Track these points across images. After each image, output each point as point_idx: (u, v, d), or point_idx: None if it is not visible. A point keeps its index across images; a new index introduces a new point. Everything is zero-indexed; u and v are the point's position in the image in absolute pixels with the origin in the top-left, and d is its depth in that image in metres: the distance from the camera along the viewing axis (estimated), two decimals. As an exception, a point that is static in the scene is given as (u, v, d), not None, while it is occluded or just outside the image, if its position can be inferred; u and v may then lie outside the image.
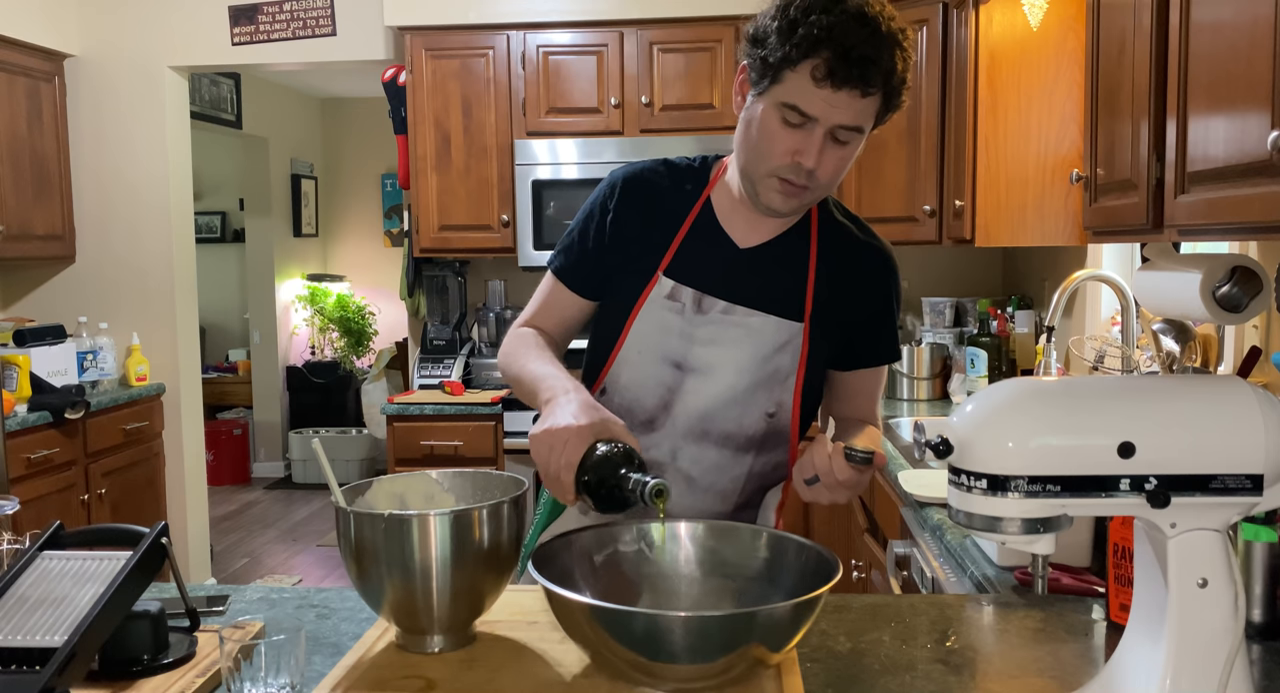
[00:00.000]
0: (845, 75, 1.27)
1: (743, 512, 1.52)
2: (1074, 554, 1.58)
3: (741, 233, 1.47)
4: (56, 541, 1.23)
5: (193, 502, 4.41)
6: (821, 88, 1.28)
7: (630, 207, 1.49)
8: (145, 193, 4.19)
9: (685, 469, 1.47)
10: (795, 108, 1.31)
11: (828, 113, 1.30)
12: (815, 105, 1.30)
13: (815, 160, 1.33)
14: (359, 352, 6.89)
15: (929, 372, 3.56)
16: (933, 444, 0.98)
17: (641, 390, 1.47)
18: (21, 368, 3.65)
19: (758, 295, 1.45)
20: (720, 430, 1.45)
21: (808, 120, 1.31)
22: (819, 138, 1.32)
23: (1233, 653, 0.96)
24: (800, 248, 1.48)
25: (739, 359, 1.44)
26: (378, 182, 7.26)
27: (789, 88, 1.30)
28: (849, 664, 1.19)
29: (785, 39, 1.29)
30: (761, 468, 1.49)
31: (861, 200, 3.65)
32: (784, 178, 1.36)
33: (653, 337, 1.46)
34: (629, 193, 1.50)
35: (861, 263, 1.50)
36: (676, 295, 1.45)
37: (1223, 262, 1.61)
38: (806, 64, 1.28)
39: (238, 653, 1.04)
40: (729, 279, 1.45)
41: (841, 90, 1.28)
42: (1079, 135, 2.49)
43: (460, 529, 1.15)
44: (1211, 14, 1.35)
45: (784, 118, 1.32)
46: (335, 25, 4.07)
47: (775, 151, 1.34)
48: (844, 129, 1.32)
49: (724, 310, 1.44)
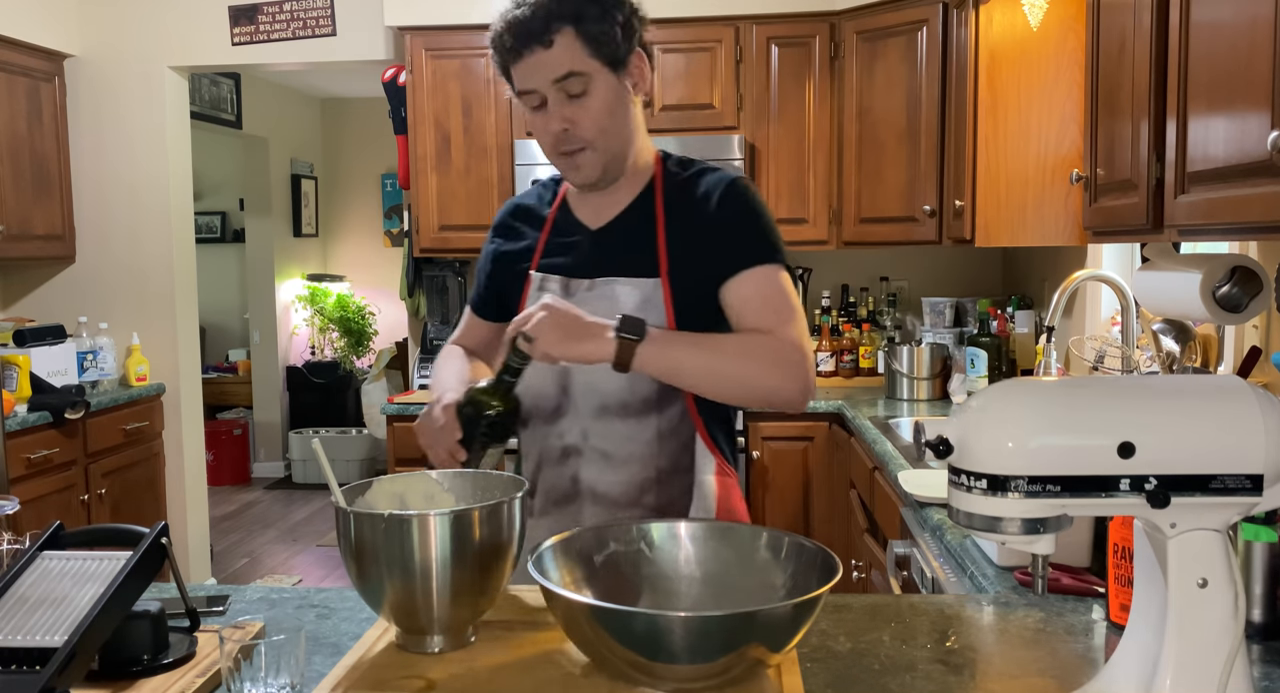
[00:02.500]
0: (521, 40, 1.43)
1: (671, 477, 1.53)
2: (1074, 554, 1.58)
3: (592, 217, 1.58)
4: (56, 541, 1.23)
5: (193, 502, 4.41)
6: (515, 63, 1.45)
7: (505, 230, 1.67)
8: (145, 193, 4.19)
9: (600, 447, 1.52)
10: (519, 93, 1.48)
11: (536, 78, 1.45)
12: (525, 79, 1.46)
13: (560, 121, 1.46)
14: (359, 352, 6.89)
15: (929, 372, 3.56)
16: (933, 444, 0.98)
17: (540, 384, 1.54)
18: (21, 368, 3.65)
19: (613, 266, 1.53)
20: (617, 401, 1.51)
21: (535, 95, 1.46)
22: (553, 102, 1.46)
23: (1233, 653, 0.96)
24: (646, 212, 1.55)
25: None
26: (378, 182, 7.26)
27: (515, 82, 1.48)
28: (849, 664, 1.19)
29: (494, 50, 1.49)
30: (668, 425, 1.52)
31: (861, 200, 3.66)
32: (560, 153, 1.49)
33: None
34: (504, 219, 1.68)
35: (701, 191, 1.54)
36: (546, 286, 1.56)
37: (1223, 262, 1.61)
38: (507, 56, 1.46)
39: (238, 653, 1.04)
40: (588, 259, 1.55)
41: (524, 54, 1.43)
42: (1079, 135, 2.49)
43: (460, 529, 1.15)
44: (1211, 14, 1.35)
45: (529, 106, 1.49)
46: (335, 25, 4.07)
47: (540, 136, 1.50)
48: (560, 81, 1.44)
49: (588, 288, 1.53)
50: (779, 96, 3.73)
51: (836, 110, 3.72)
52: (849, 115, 3.66)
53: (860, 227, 3.68)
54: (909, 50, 3.44)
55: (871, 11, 3.57)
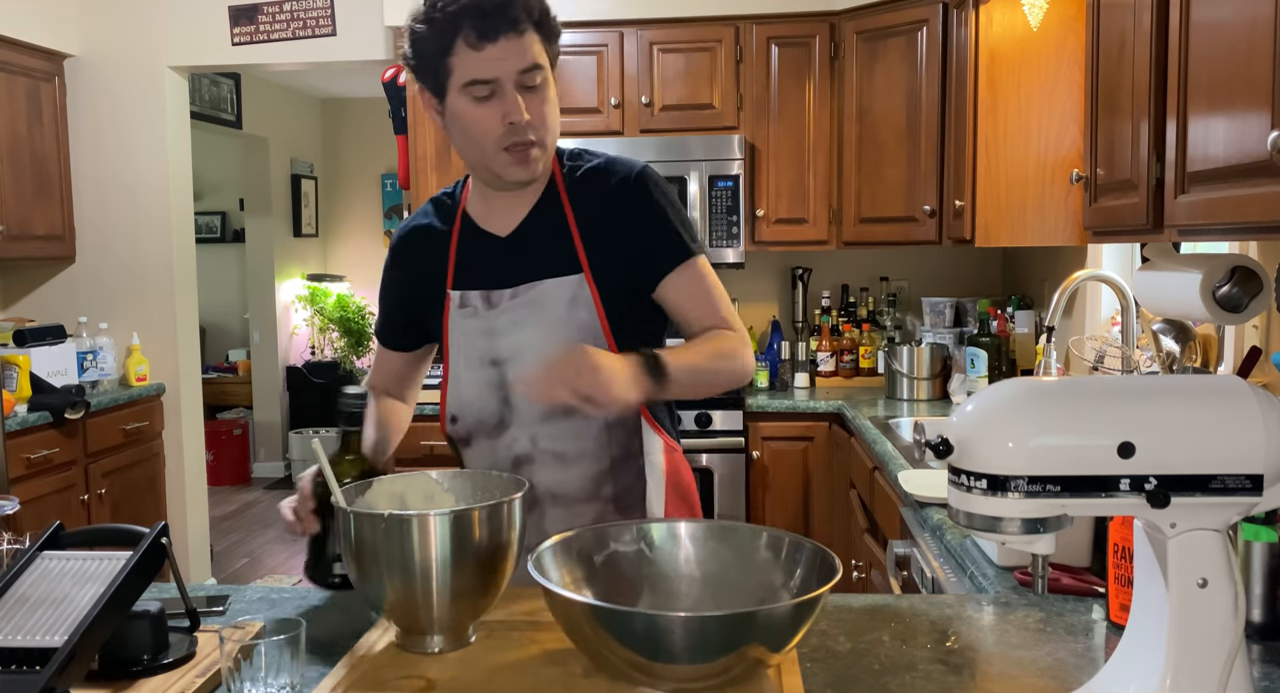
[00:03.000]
0: (494, 26, 1.37)
1: (624, 464, 1.53)
2: (1074, 554, 1.58)
3: (499, 225, 1.55)
4: (56, 541, 1.23)
5: (193, 502, 4.41)
6: (482, 49, 1.38)
7: (406, 255, 1.62)
8: (145, 193, 4.19)
9: (551, 449, 1.52)
10: (475, 81, 1.40)
11: (502, 67, 1.39)
12: (487, 67, 1.39)
13: (522, 113, 1.41)
14: (359, 352, 6.89)
15: (929, 372, 3.56)
16: (933, 444, 0.98)
17: (479, 399, 1.55)
18: (21, 368, 3.65)
19: (533, 270, 1.52)
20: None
21: (491, 85, 1.40)
22: (512, 94, 1.40)
23: (1233, 653, 0.96)
24: (554, 211, 1.53)
25: (538, 331, 1.50)
26: (378, 182, 7.26)
27: (459, 71, 1.40)
28: (849, 664, 1.19)
29: (429, 38, 1.40)
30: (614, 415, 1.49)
31: (861, 200, 3.66)
32: (508, 147, 1.43)
33: (464, 348, 1.55)
34: (400, 245, 1.63)
35: (607, 185, 1.53)
36: (467, 302, 1.54)
37: (1223, 262, 1.61)
38: (458, 41, 1.38)
39: (238, 653, 1.04)
40: (503, 268, 1.53)
41: (499, 41, 1.38)
42: (1079, 135, 2.49)
43: (460, 529, 1.15)
44: (1211, 14, 1.35)
45: (474, 97, 1.41)
46: (335, 25, 4.07)
47: (486, 128, 1.42)
48: (525, 73, 1.40)
49: (511, 296, 1.52)
50: (779, 96, 3.73)
51: (836, 110, 3.72)
52: (849, 115, 3.67)
53: (860, 227, 3.68)
54: (909, 50, 3.44)
55: (871, 11, 3.57)
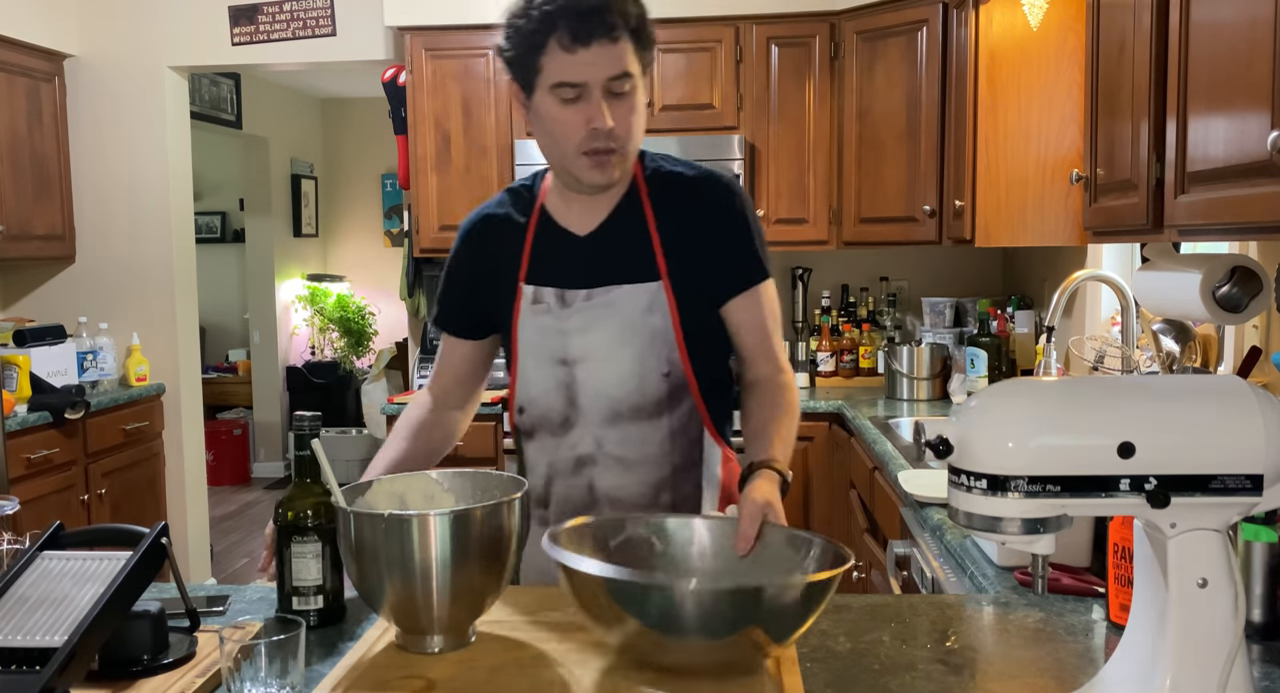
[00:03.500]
0: (588, 30, 1.37)
1: (684, 473, 1.55)
2: (1074, 554, 1.58)
3: (578, 223, 1.55)
4: (56, 541, 1.23)
5: (193, 502, 4.41)
6: (574, 52, 1.38)
7: (478, 242, 1.60)
8: (145, 193, 4.19)
9: (614, 453, 1.52)
10: (563, 83, 1.40)
11: (592, 72, 1.39)
12: (577, 70, 1.39)
13: (606, 119, 1.40)
14: (359, 352, 6.89)
15: (929, 372, 3.56)
16: (933, 444, 0.98)
17: (546, 397, 1.54)
18: (21, 368, 3.65)
19: (610, 272, 1.52)
20: (629, 405, 1.51)
21: (580, 88, 1.40)
22: (598, 99, 1.40)
23: (1233, 653, 0.96)
24: (635, 215, 1.54)
25: (612, 335, 1.50)
26: (378, 182, 7.26)
27: (549, 71, 1.40)
28: (849, 664, 1.19)
29: (523, 34, 1.40)
30: (679, 423, 1.54)
31: (861, 200, 3.66)
32: (588, 151, 1.43)
33: (535, 344, 1.54)
34: (473, 232, 1.61)
35: (698, 197, 1.54)
36: (540, 298, 1.53)
37: (1223, 262, 1.61)
38: (551, 41, 1.38)
39: (238, 653, 1.04)
40: (579, 268, 1.53)
41: (592, 45, 1.37)
42: (1079, 135, 2.49)
43: (460, 529, 1.15)
44: (1211, 14, 1.35)
45: (561, 98, 1.41)
46: (335, 25, 4.07)
47: (569, 131, 1.42)
48: (615, 80, 1.40)
49: (586, 297, 1.51)
50: (779, 96, 3.73)
51: (836, 110, 3.71)
52: (849, 115, 3.66)
53: (860, 227, 3.68)
54: (909, 50, 3.44)
55: (871, 11, 3.57)
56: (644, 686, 1.09)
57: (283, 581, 1.33)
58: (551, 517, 1.55)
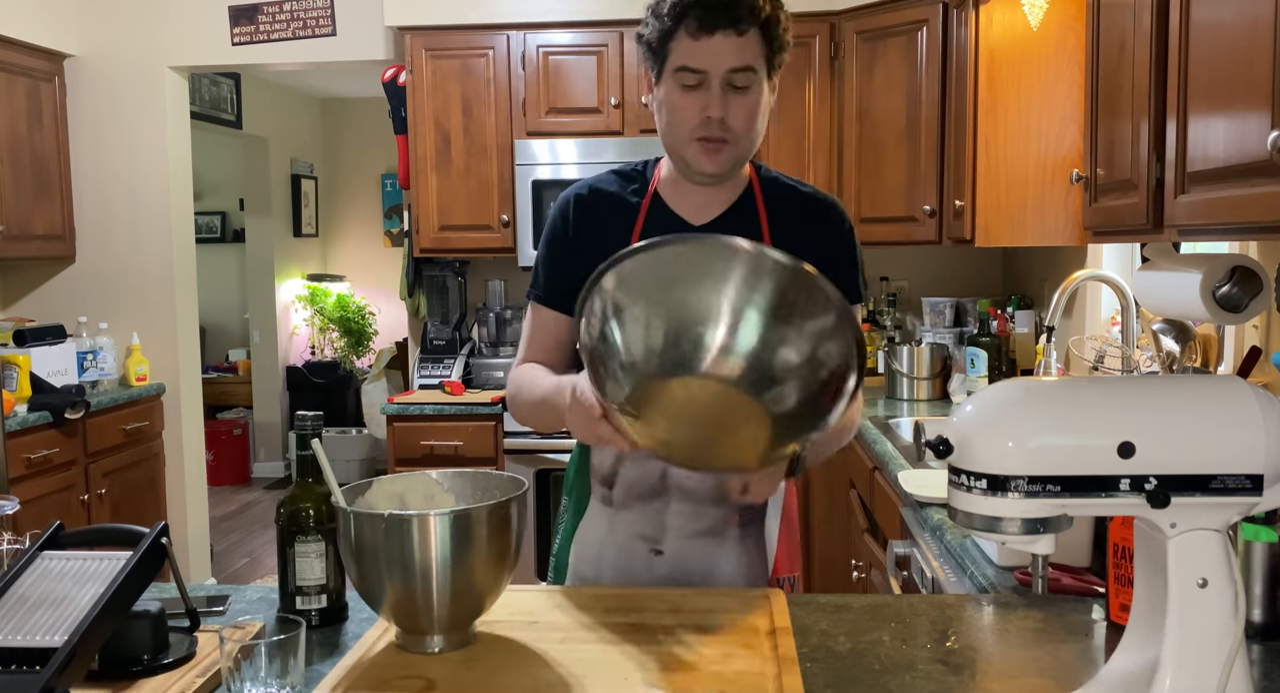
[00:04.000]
0: (714, 20, 1.39)
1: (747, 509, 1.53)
2: (1074, 554, 1.58)
3: (693, 213, 1.55)
4: (56, 541, 1.23)
5: (193, 502, 4.41)
6: (699, 40, 1.40)
7: (588, 216, 1.57)
8: (145, 193, 4.19)
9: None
10: (685, 68, 1.42)
11: (714, 61, 1.41)
12: (700, 58, 1.41)
13: (720, 109, 1.42)
14: (359, 352, 6.89)
15: (929, 372, 3.56)
16: (933, 444, 0.98)
17: None
18: (21, 368, 3.65)
19: None
20: None
21: (701, 75, 1.42)
22: (717, 89, 1.42)
23: (1233, 653, 0.96)
24: (750, 214, 1.55)
25: None
26: (378, 182, 7.26)
27: (676, 56, 1.43)
28: (849, 664, 1.19)
29: (659, 19, 1.43)
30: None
31: (861, 200, 3.66)
32: (701, 138, 1.45)
33: None
34: (584, 204, 1.58)
35: (808, 214, 1.57)
36: None
37: (1223, 262, 1.61)
38: (681, 28, 1.41)
39: (238, 653, 1.04)
40: None
41: (716, 34, 1.40)
42: (1079, 135, 2.49)
43: (460, 529, 1.15)
44: (1211, 14, 1.35)
45: (681, 84, 1.43)
46: (335, 25, 4.07)
47: (685, 116, 1.45)
48: (736, 72, 1.41)
49: None
50: (779, 96, 3.73)
51: (836, 110, 3.71)
52: (849, 115, 3.66)
53: (860, 226, 3.63)
54: (909, 50, 3.44)
55: (871, 11, 3.57)
56: (644, 686, 1.09)
57: (285, 580, 1.33)
58: (617, 499, 1.54)
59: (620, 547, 1.54)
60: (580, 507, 1.59)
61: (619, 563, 1.53)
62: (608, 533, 1.55)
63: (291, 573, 1.32)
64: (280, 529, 1.33)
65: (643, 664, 1.15)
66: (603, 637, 1.23)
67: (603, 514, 1.55)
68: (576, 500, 1.60)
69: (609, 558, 1.54)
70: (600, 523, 1.55)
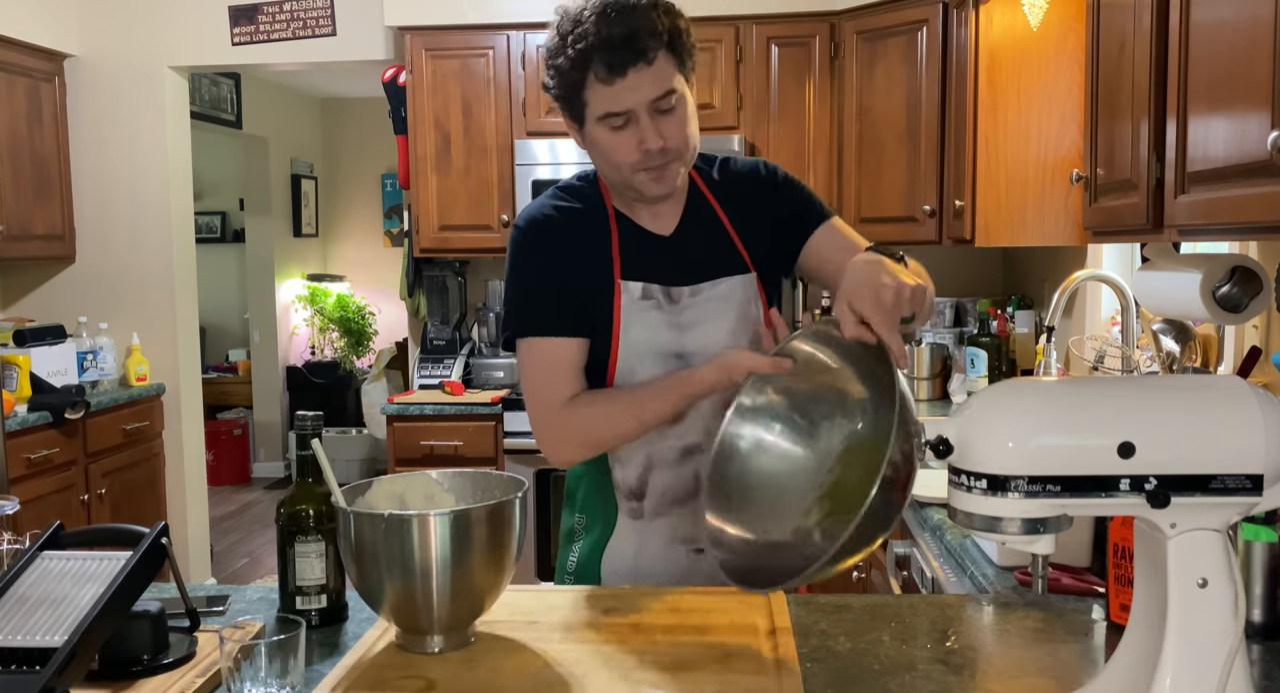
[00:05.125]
0: (622, 59, 1.37)
1: None
2: (1074, 554, 1.58)
3: (654, 223, 1.55)
4: (56, 541, 1.23)
5: (193, 502, 4.41)
6: (613, 84, 1.38)
7: (556, 237, 1.52)
8: (145, 193, 4.19)
9: None
10: (609, 114, 1.40)
11: (634, 98, 1.39)
12: (620, 100, 1.39)
13: (656, 139, 1.41)
14: (359, 352, 6.89)
15: (929, 372, 3.56)
16: (933, 444, 0.98)
17: None
18: (21, 368, 3.65)
19: (707, 268, 1.53)
20: None
21: (626, 115, 1.40)
22: (647, 121, 1.41)
23: (1233, 653, 0.96)
24: (707, 213, 1.56)
25: (730, 327, 1.52)
26: (378, 182, 7.26)
27: (595, 104, 1.41)
28: (849, 664, 1.19)
29: (563, 72, 1.41)
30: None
31: (861, 200, 3.66)
32: (646, 168, 1.44)
33: (644, 339, 1.51)
34: (551, 225, 1.53)
35: (750, 186, 1.58)
36: (649, 293, 1.51)
37: (1223, 262, 1.61)
38: (589, 76, 1.39)
39: (238, 653, 1.04)
40: (674, 265, 1.53)
41: (628, 74, 1.37)
42: (1079, 135, 2.49)
43: (460, 529, 1.15)
44: (1211, 14, 1.35)
45: (610, 126, 1.42)
46: (335, 25, 4.07)
47: (624, 155, 1.43)
48: (658, 100, 1.40)
49: (691, 292, 1.52)
50: (779, 96, 3.73)
51: (836, 110, 3.72)
52: (849, 115, 3.66)
53: (860, 227, 3.63)
54: (909, 50, 3.44)
55: (871, 11, 3.57)
56: (644, 686, 1.09)
57: (285, 580, 1.33)
58: (647, 509, 1.53)
59: (657, 553, 1.54)
60: (607, 523, 1.57)
61: (658, 569, 1.54)
62: (640, 544, 1.54)
63: (291, 573, 1.32)
64: (280, 529, 1.33)
65: (643, 664, 1.15)
66: (603, 637, 1.23)
67: (633, 528, 1.55)
68: (603, 518, 1.57)
69: (646, 567, 1.54)
70: (631, 536, 1.55)
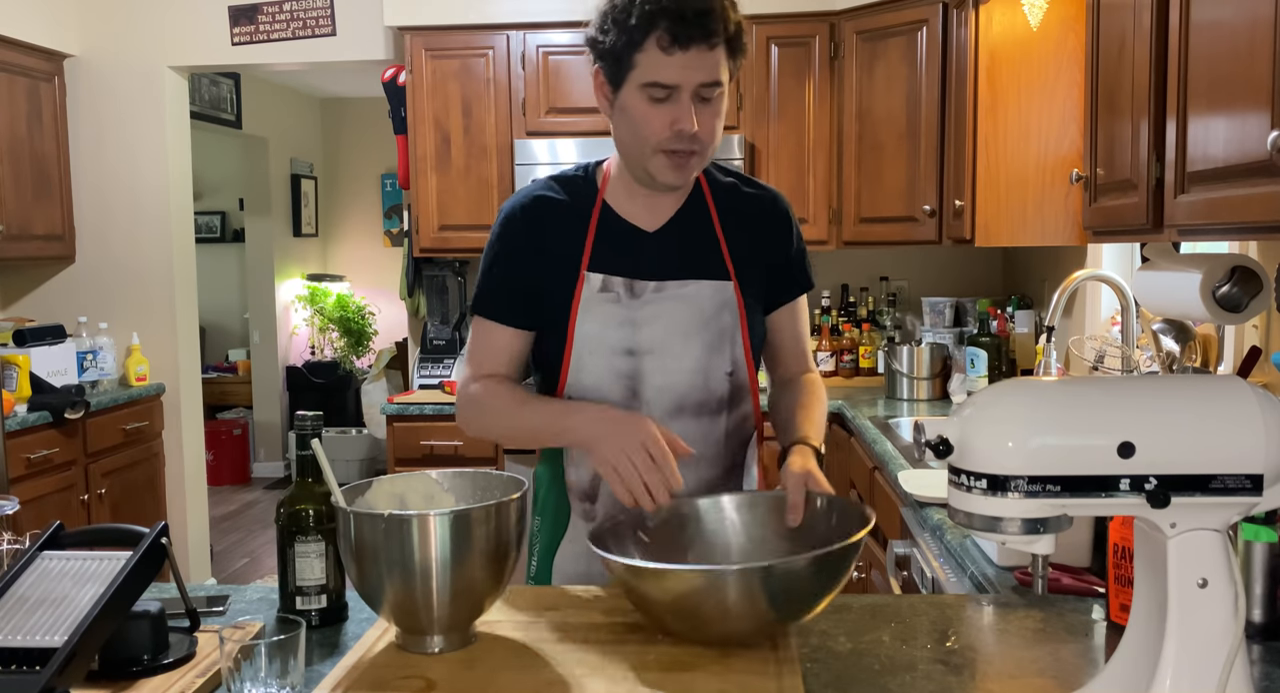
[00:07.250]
0: (689, 35, 1.35)
1: (732, 473, 1.58)
2: (1074, 554, 1.57)
3: (644, 219, 1.54)
4: (56, 541, 1.23)
5: (193, 502, 4.41)
6: (672, 55, 1.36)
7: (532, 225, 1.53)
8: (145, 193, 4.19)
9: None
10: (656, 83, 1.38)
11: (686, 76, 1.37)
12: (673, 73, 1.37)
13: (693, 122, 1.39)
14: (359, 352, 6.89)
15: (929, 372, 3.56)
16: (933, 444, 0.98)
17: (602, 386, 1.50)
18: (21, 368, 3.65)
19: (682, 267, 1.51)
20: (693, 401, 1.51)
21: (671, 90, 1.38)
22: (687, 102, 1.39)
23: (1233, 653, 0.96)
24: (702, 216, 1.55)
25: (686, 329, 1.50)
26: (378, 182, 7.26)
27: (643, 69, 1.39)
28: (849, 664, 1.19)
29: (623, 27, 1.38)
30: (734, 424, 1.55)
31: (861, 200, 3.66)
32: (669, 150, 1.42)
33: (598, 332, 1.50)
34: (525, 215, 1.53)
35: (757, 211, 1.58)
36: (609, 286, 1.50)
37: (1223, 262, 1.61)
38: (650, 40, 1.37)
39: (238, 653, 1.04)
40: (649, 261, 1.51)
41: (690, 49, 1.36)
42: (1079, 135, 2.49)
43: (460, 529, 1.15)
44: (1211, 14, 1.35)
45: (650, 97, 1.40)
46: (335, 25, 4.07)
47: (654, 129, 1.41)
48: (705, 86, 1.39)
49: (656, 289, 1.50)
50: (779, 96, 3.73)
51: (836, 110, 3.72)
52: (849, 115, 3.67)
53: (860, 226, 3.68)
54: (909, 50, 3.44)
55: (871, 11, 3.57)
56: (644, 686, 1.09)
57: (285, 580, 1.33)
58: (599, 511, 1.52)
59: None
60: (558, 525, 1.56)
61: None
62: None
63: (291, 573, 1.32)
64: (280, 529, 1.33)
65: (642, 664, 1.15)
66: (603, 637, 1.23)
67: (585, 530, 1.50)
68: (553, 519, 1.57)
69: (598, 568, 1.51)
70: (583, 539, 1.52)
